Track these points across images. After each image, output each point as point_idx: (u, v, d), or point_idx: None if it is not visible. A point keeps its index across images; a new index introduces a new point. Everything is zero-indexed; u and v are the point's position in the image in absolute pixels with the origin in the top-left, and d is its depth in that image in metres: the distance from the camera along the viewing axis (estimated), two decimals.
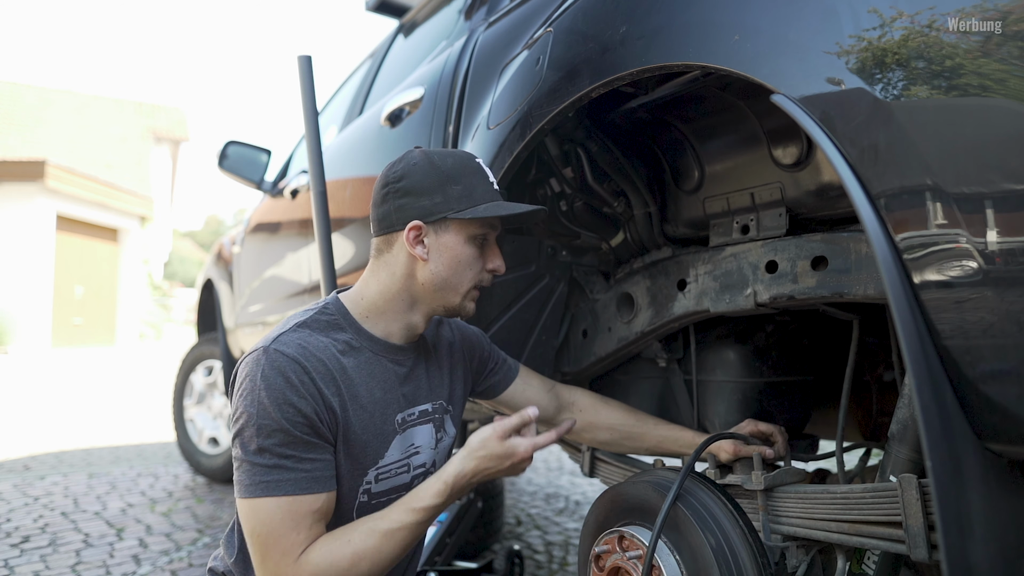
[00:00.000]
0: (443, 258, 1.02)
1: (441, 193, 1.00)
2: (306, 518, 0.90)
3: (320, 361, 0.96)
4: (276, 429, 0.89)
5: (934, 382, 0.64)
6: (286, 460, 0.90)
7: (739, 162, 1.18)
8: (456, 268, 1.02)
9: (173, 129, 17.27)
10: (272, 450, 0.89)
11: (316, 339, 0.98)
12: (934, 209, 0.63)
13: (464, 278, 1.03)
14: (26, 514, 2.62)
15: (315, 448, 0.92)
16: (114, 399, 6.49)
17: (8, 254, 11.54)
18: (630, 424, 1.25)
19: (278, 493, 0.89)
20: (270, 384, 0.90)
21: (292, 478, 0.90)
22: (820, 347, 1.36)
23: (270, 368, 0.91)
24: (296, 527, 0.89)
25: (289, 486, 0.89)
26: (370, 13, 2.59)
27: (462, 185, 1.01)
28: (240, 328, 2.95)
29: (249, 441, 0.90)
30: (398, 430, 1.05)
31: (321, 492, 0.92)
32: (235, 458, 0.93)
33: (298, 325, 1.00)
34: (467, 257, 1.02)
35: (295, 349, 0.94)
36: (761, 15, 0.80)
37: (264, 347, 0.94)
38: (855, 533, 0.92)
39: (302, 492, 0.90)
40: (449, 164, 1.02)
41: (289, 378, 0.91)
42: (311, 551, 0.89)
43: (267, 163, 2.83)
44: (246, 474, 0.90)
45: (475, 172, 1.03)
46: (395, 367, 1.06)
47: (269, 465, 0.89)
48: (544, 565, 2.20)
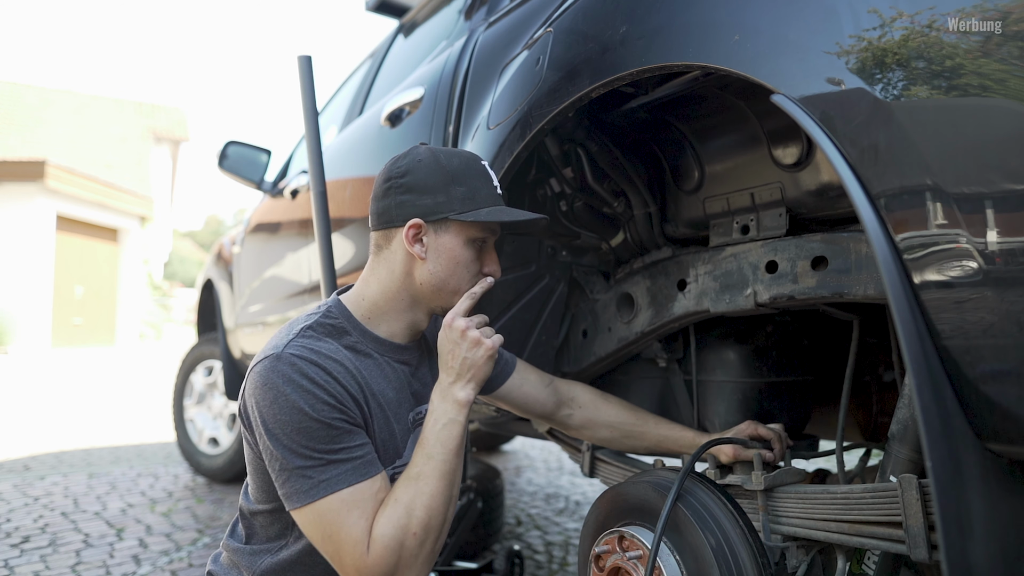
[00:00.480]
0: (441, 259, 1.01)
1: (444, 193, 0.99)
2: (369, 502, 0.89)
3: (336, 361, 0.95)
4: (317, 427, 0.88)
5: (934, 382, 0.64)
6: (336, 455, 0.89)
7: (739, 162, 1.18)
8: (454, 269, 1.01)
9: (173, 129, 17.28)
10: (318, 448, 0.88)
11: (324, 344, 0.97)
12: (934, 209, 0.63)
13: (461, 280, 1.02)
14: (26, 514, 2.61)
15: (357, 435, 0.92)
16: (114, 399, 6.48)
17: (8, 254, 11.54)
18: (631, 422, 1.25)
19: (341, 487, 0.88)
20: (296, 386, 0.89)
21: (348, 469, 0.89)
22: (820, 347, 1.36)
23: (291, 371, 0.90)
24: (364, 515, 0.88)
25: (349, 476, 0.89)
26: (370, 13, 2.59)
27: (466, 187, 1.00)
28: (240, 328, 2.95)
29: (292, 448, 0.88)
30: (410, 428, 1.06)
31: (377, 473, 0.92)
32: (278, 471, 0.90)
33: (304, 330, 0.98)
34: (465, 259, 1.02)
35: (308, 352, 0.93)
36: (761, 15, 0.80)
37: (276, 354, 0.92)
38: (855, 533, 0.92)
39: (361, 479, 0.90)
40: (455, 164, 1.01)
41: (312, 377, 0.90)
42: (374, 531, 0.88)
43: (267, 163, 2.83)
44: (299, 481, 0.88)
45: (480, 174, 1.03)
46: (402, 367, 1.06)
47: (321, 464, 0.88)
48: (544, 565, 2.20)
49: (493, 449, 4.12)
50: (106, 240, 14.31)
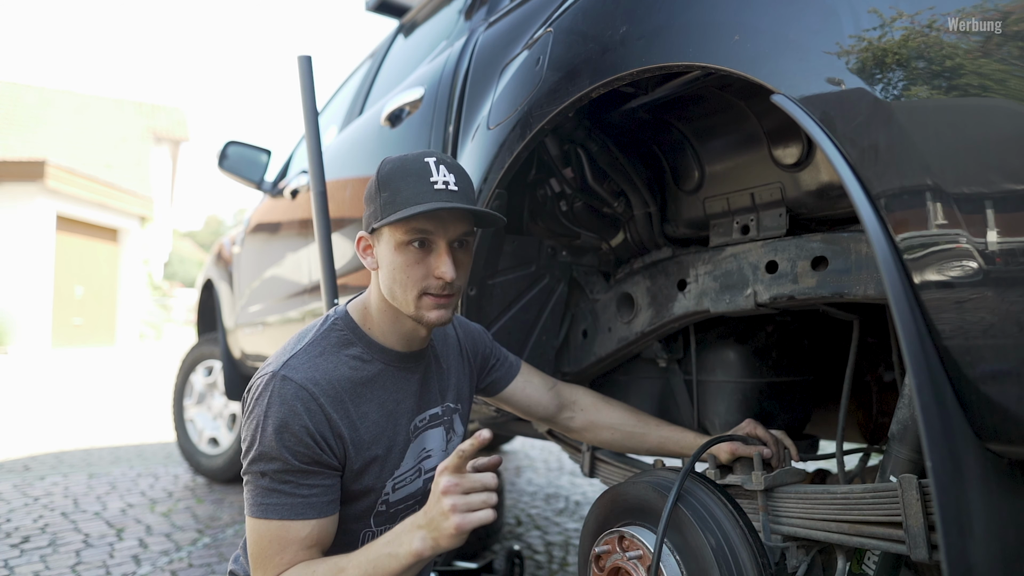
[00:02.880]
0: (384, 268, 0.99)
1: (374, 202, 0.98)
2: (293, 543, 0.92)
3: (330, 384, 0.96)
4: (275, 458, 0.91)
5: (934, 382, 0.64)
6: (284, 486, 0.92)
7: (739, 162, 1.18)
8: (395, 276, 0.97)
9: (173, 129, 17.27)
10: (271, 475, 0.92)
11: (326, 360, 0.98)
12: (934, 209, 0.63)
13: (405, 287, 0.97)
14: (26, 514, 2.61)
15: (313, 476, 0.94)
16: (114, 399, 6.48)
17: (8, 254, 11.53)
18: (632, 424, 1.25)
19: (272, 516, 0.92)
20: (275, 414, 0.92)
21: (287, 503, 0.92)
22: (820, 347, 1.36)
23: (278, 397, 0.93)
24: (282, 551, 0.91)
25: (283, 510, 0.92)
26: (370, 13, 2.59)
27: (390, 191, 0.95)
28: (240, 328, 2.95)
29: (253, 464, 0.93)
30: (411, 437, 1.06)
31: (313, 518, 0.93)
32: (243, 476, 0.96)
33: (309, 345, 0.99)
34: (400, 264, 0.96)
35: (304, 373, 0.95)
36: (761, 15, 0.80)
37: (274, 371, 0.95)
38: (855, 533, 0.92)
39: (294, 517, 0.92)
40: (386, 170, 0.97)
41: (295, 408, 0.92)
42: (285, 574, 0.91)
43: (267, 163, 2.83)
44: (250, 494, 0.94)
45: (411, 174, 0.95)
46: (407, 375, 1.06)
47: (268, 488, 0.92)
48: (544, 565, 2.20)
49: (493, 449, 4.12)
50: (106, 240, 14.30)
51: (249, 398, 0.97)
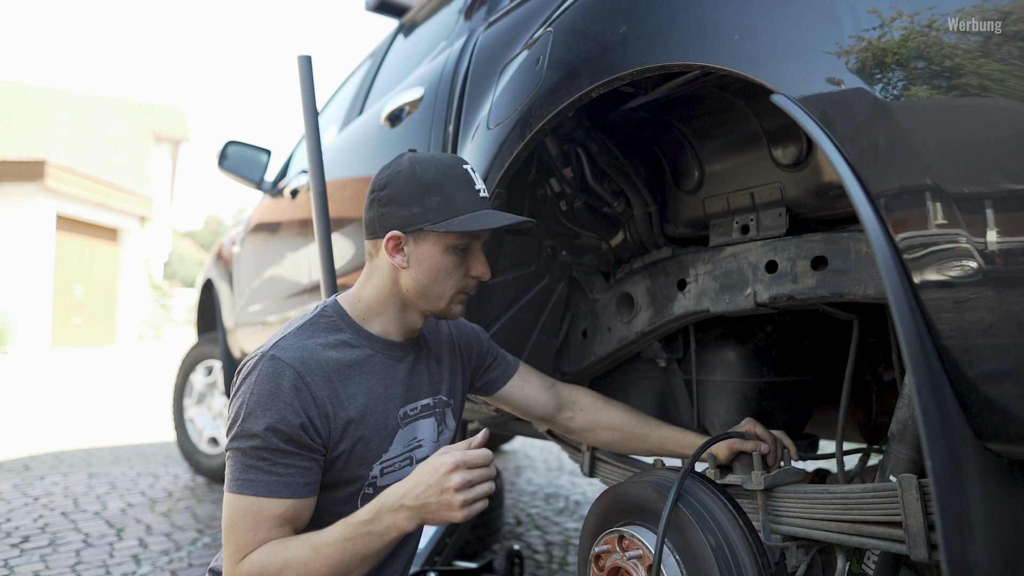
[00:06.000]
0: (422, 267, 1.02)
1: (419, 204, 1.00)
2: (267, 521, 0.92)
3: (318, 364, 0.98)
4: (255, 435, 0.93)
5: (934, 382, 0.64)
6: (261, 463, 0.93)
7: (739, 162, 1.18)
8: (436, 276, 1.03)
9: (173, 129, 17.27)
10: (249, 452, 0.93)
11: (315, 341, 1.01)
12: (934, 209, 0.63)
13: (445, 286, 1.04)
14: (26, 514, 2.61)
15: (291, 456, 0.94)
16: (114, 399, 6.48)
17: (8, 254, 11.54)
18: (632, 425, 1.25)
19: (247, 492, 0.93)
20: (260, 392, 0.94)
21: (263, 480, 0.93)
22: (820, 347, 1.36)
23: (265, 375, 0.95)
24: (255, 528, 0.92)
25: (258, 487, 0.92)
26: (370, 13, 2.59)
27: (441, 196, 1.00)
28: (240, 328, 2.95)
29: (234, 440, 0.95)
30: (400, 424, 1.07)
31: (288, 498, 0.93)
32: (226, 451, 0.98)
33: (298, 329, 1.02)
34: (446, 266, 1.03)
35: (293, 353, 0.97)
36: (761, 15, 0.80)
37: (263, 352, 0.97)
38: (855, 533, 0.92)
39: (268, 495, 0.92)
40: (430, 174, 1.01)
41: (280, 386, 0.94)
42: (256, 551, 0.92)
43: (267, 163, 2.83)
44: (229, 469, 0.96)
45: (458, 180, 1.02)
46: (395, 363, 1.08)
47: (246, 464, 0.93)
48: (544, 565, 2.20)
49: (493, 449, 4.12)
50: (106, 240, 14.30)
51: (238, 377, 0.99)
